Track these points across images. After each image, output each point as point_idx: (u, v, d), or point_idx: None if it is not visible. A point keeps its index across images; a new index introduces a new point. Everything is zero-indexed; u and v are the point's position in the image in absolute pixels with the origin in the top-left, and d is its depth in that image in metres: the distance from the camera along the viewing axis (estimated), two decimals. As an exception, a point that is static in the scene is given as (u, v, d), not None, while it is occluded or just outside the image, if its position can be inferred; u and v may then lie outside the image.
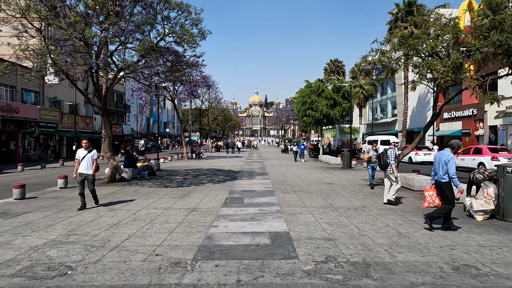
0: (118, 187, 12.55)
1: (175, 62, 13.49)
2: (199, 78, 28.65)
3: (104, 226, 6.71)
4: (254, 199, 9.76)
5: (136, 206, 8.84)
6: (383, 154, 9.20)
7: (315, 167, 21.27)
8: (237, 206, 8.65)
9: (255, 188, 11.92)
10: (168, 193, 11.02)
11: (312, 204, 8.91)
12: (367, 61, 11.54)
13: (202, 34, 12.70)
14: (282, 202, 9.25)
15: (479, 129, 32.10)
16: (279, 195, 10.38)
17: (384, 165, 9.12)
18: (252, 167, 21.05)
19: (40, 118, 30.82)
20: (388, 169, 9.10)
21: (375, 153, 12.28)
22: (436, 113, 12.06)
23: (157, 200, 9.72)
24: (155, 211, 8.16)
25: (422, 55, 11.46)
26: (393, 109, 52.09)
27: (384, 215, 7.66)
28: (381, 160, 9.19)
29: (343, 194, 10.76)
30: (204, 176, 16.18)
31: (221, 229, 6.44)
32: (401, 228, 6.55)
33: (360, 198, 9.97)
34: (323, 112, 27.03)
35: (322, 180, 14.57)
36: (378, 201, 9.55)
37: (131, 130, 53.96)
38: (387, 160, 9.08)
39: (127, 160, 15.52)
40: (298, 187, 12.23)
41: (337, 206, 8.68)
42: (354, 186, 12.60)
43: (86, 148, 8.54)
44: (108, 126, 13.29)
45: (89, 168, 8.48)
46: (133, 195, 10.70)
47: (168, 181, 14.11)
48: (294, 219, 7.19)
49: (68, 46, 10.94)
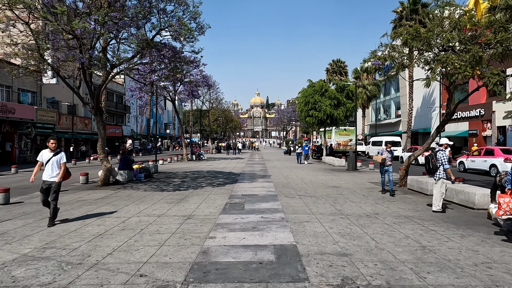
0: (112, 190, 11.81)
1: (172, 58, 12.76)
2: (200, 77, 27.96)
3: (87, 237, 5.95)
4: (256, 204, 8.99)
5: (127, 212, 8.09)
6: (432, 156, 8.30)
7: (319, 169, 20.48)
8: (237, 213, 7.89)
9: (257, 192, 11.15)
10: (163, 197, 10.27)
11: (320, 211, 8.14)
12: (377, 56, 10.76)
13: (201, 29, 11.96)
14: (286, 208, 8.48)
15: (487, 129, 31.22)
16: (283, 200, 9.61)
17: (433, 169, 8.23)
18: (254, 169, 20.28)
19: (37, 118, 30.17)
20: (437, 174, 8.19)
21: (389, 154, 11.08)
22: (450, 112, 11.28)
23: (151, 205, 8.97)
24: (147, 218, 7.40)
25: (435, 50, 10.71)
26: (396, 110, 51.24)
27: (401, 224, 6.88)
28: (430, 164, 8.28)
29: (352, 199, 9.98)
30: (203, 178, 15.42)
31: (218, 241, 5.67)
32: (423, 240, 5.77)
33: (371, 204, 9.19)
34: (326, 113, 26.25)
35: (327, 183, 13.79)
36: (391, 206, 8.77)
37: (131, 131, 53.30)
38: (436, 163, 8.18)
39: (122, 161, 14.79)
40: (303, 191, 11.45)
41: (347, 213, 7.90)
42: (363, 190, 11.81)
43: (53, 149, 6.98)
44: (102, 126, 12.56)
45: (55, 174, 6.88)
46: (125, 199, 9.95)
47: (165, 184, 13.36)
48: (301, 229, 6.41)
49: (58, 41, 10.22)
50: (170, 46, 12.48)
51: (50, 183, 6.85)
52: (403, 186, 12.66)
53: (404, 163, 12.80)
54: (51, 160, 6.87)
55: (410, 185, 11.95)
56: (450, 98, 11.49)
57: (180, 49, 12.53)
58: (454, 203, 9.25)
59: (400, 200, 9.75)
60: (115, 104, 48.58)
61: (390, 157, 11.01)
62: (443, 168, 8.16)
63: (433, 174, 8.29)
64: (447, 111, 11.44)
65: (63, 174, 6.95)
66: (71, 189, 12.29)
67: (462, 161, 20.79)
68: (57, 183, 6.84)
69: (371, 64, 11.24)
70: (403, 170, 12.67)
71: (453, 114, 11.44)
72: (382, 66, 10.99)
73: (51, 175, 6.85)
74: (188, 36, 11.41)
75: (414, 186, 11.59)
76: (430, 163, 8.29)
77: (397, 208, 8.56)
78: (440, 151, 8.29)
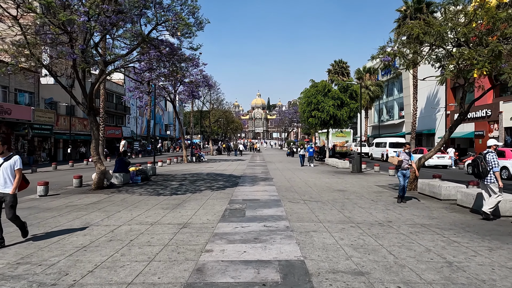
0: (105, 194, 11.18)
1: (170, 56, 12.15)
2: (200, 77, 27.37)
3: (69, 250, 5.31)
4: (257, 210, 8.34)
5: (118, 220, 7.45)
6: (480, 159, 7.59)
7: (323, 171, 19.81)
8: (238, 221, 7.23)
9: (258, 197, 10.49)
10: (159, 202, 9.63)
11: (327, 218, 7.47)
12: (386, 52, 10.11)
13: (199, 24, 11.33)
14: (291, 215, 7.82)
15: (494, 130, 30.48)
16: (286, 206, 8.96)
17: (483, 173, 7.50)
18: (255, 172, 19.63)
19: (34, 119, 29.60)
20: (488, 178, 7.46)
21: (407, 156, 9.83)
22: (464, 112, 10.62)
23: (145, 212, 8.33)
24: (139, 227, 6.75)
25: (447, 46, 10.06)
26: (399, 111, 50.55)
27: (419, 234, 6.21)
28: (479, 167, 7.51)
29: (361, 204, 9.31)
30: (203, 181, 14.78)
31: (216, 255, 5.02)
32: (447, 253, 5.11)
33: (382, 210, 8.52)
34: (329, 113, 25.60)
35: (332, 186, 13.12)
36: (404, 213, 8.10)
37: (131, 132, 52.74)
38: (487, 166, 7.44)
39: (118, 164, 14.16)
40: (308, 195, 10.79)
41: (357, 221, 7.24)
42: (370, 194, 11.15)
43: (2, 153, 5.55)
44: (95, 127, 11.94)
45: (8, 184, 5.49)
46: (118, 205, 9.31)
47: (162, 188, 12.72)
48: (309, 240, 5.75)
49: (48, 36, 9.61)
50: (167, 43, 11.88)
51: (2, 196, 5.48)
52: (413, 190, 11.99)
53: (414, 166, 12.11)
54: (1, 167, 5.48)
55: (421, 189, 11.29)
56: (464, 97, 10.83)
57: (178, 45, 11.91)
58: (472, 209, 8.57)
59: (412, 206, 9.08)
60: (115, 105, 48.02)
61: (408, 159, 9.81)
62: (493, 171, 7.43)
63: (483, 179, 7.56)
64: (460, 110, 10.78)
65: (18, 184, 5.55)
66: (62, 193, 11.67)
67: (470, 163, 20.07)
68: (11, 195, 5.46)
69: (380, 60, 10.58)
70: (413, 173, 11.97)
71: (467, 113, 10.78)
72: (391, 63, 10.34)
73: (3, 186, 5.47)
74: (186, 31, 10.79)
75: (426, 190, 10.92)
76: (479, 166, 7.52)
77: (411, 215, 7.90)
78: (489, 153, 7.56)
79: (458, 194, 9.26)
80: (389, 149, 32.99)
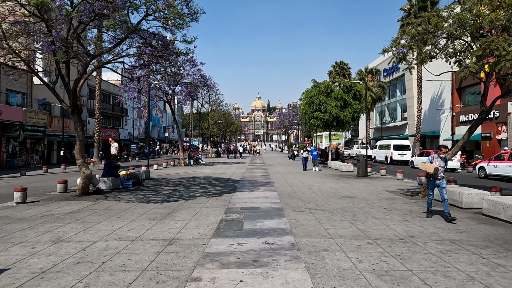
0: (89, 202, 10.12)
1: (162, 50, 11.15)
2: (198, 77, 26.36)
3: (23, 276, 4.26)
4: (257, 222, 7.28)
5: (94, 234, 6.40)
6: None
7: (326, 175, 18.75)
8: (234, 235, 6.18)
9: (258, 205, 9.44)
10: (147, 211, 8.57)
11: (339, 232, 6.42)
12: (400, 44, 9.09)
13: (194, 14, 10.32)
14: (296, 228, 6.76)
15: (502, 132, 29.48)
16: (290, 216, 7.90)
17: None
18: (255, 175, 18.57)
19: (26, 121, 28.59)
20: None
21: (442, 162, 7.80)
22: (486, 110, 9.60)
23: (128, 223, 7.27)
24: (117, 244, 5.70)
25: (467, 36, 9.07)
26: (402, 113, 49.57)
27: (451, 254, 5.16)
28: None
29: (374, 213, 8.26)
30: (198, 186, 13.72)
31: (204, 285, 3.97)
32: (496, 283, 4.06)
33: (399, 221, 7.47)
34: (332, 114, 24.55)
35: (339, 192, 12.07)
36: (425, 225, 7.05)
37: (129, 134, 51.70)
38: None
39: (107, 167, 13.12)
40: (313, 203, 9.74)
41: (374, 236, 6.19)
42: (382, 202, 10.09)
43: None
44: (79, 127, 10.91)
45: None
46: (101, 214, 8.26)
47: (154, 194, 11.67)
48: (320, 263, 4.70)
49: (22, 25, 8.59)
50: (159, 37, 10.87)
51: None
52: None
53: (428, 170, 11.06)
54: None
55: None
56: (485, 94, 9.81)
57: (170, 39, 10.90)
58: (501, 220, 7.52)
59: (433, 216, 8.02)
60: (112, 106, 47.04)
61: (443, 166, 7.81)
62: None
63: None
64: (482, 109, 9.75)
65: None
66: (43, 200, 10.61)
67: (483, 167, 19.04)
68: None
69: (392, 54, 9.55)
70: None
71: (489, 112, 9.77)
72: (406, 56, 9.31)
73: None
74: (178, 22, 9.77)
75: (444, 197, 9.83)
76: None
77: (434, 228, 6.85)
78: None
79: (484, 202, 8.21)
80: (394, 152, 31.94)
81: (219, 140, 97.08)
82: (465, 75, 8.32)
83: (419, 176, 14.72)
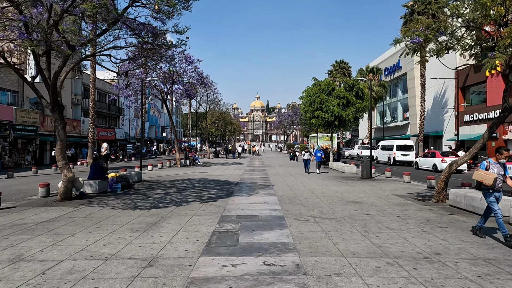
0: (70, 208, 9.15)
1: (152, 40, 10.20)
2: (194, 74, 25.42)
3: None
4: (255, 234, 6.32)
5: (63, 250, 5.43)
6: None
7: (329, 177, 17.80)
8: (227, 253, 5.22)
9: (256, 212, 8.48)
10: (131, 220, 7.61)
11: (351, 248, 5.46)
12: (416, 32, 8.13)
13: (186, 2, 9.37)
14: (300, 242, 5.80)
15: (508, 132, 28.61)
16: (293, 226, 6.94)
17: None
18: (253, 177, 17.61)
19: (16, 120, 27.60)
20: None
21: (501, 169, 6.06)
22: (510, 107, 8.67)
23: (107, 235, 6.31)
24: (86, 264, 4.74)
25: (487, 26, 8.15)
26: (404, 112, 48.66)
27: (492, 279, 4.21)
28: None
29: (387, 223, 7.31)
30: (193, 189, 12.76)
31: (184, 332, 3.01)
32: None
33: (417, 232, 6.52)
34: (334, 113, 23.61)
35: (344, 196, 11.12)
36: (449, 238, 6.09)
37: (125, 134, 50.68)
38: None
39: (93, 169, 12.15)
40: (317, 210, 8.78)
41: (393, 253, 5.23)
42: (393, 208, 9.15)
43: None
44: (61, 126, 9.95)
45: None
46: (78, 224, 7.29)
47: (143, 198, 10.70)
48: (333, 295, 3.75)
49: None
50: (149, 27, 9.91)
51: None
52: (441, 202, 10.02)
53: (443, 173, 10.15)
54: None
55: (454, 201, 9.28)
56: (507, 89, 8.87)
57: (160, 29, 9.94)
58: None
59: (454, 226, 7.08)
60: (108, 106, 46.02)
61: (502, 174, 6.05)
62: None
63: None
64: (504, 106, 8.81)
65: None
66: (20, 206, 9.64)
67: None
68: None
69: (408, 43, 8.59)
70: (442, 181, 10.01)
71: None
72: (423, 45, 8.37)
73: None
74: (168, 9, 8.82)
75: (462, 203, 8.91)
76: None
77: (461, 242, 5.89)
78: None
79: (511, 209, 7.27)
80: (397, 152, 31.01)
81: (218, 140, 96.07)
82: (491, 66, 7.37)
83: (428, 179, 13.79)
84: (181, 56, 23.86)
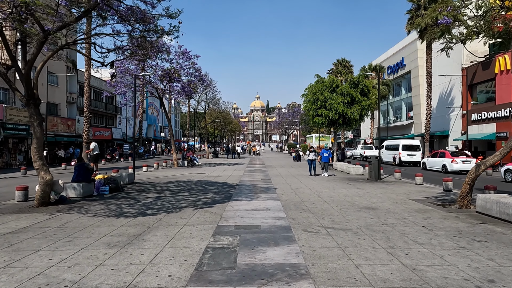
0: (46, 215, 8.02)
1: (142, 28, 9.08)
2: (192, 70, 24.30)
3: None
4: (257, 252, 5.18)
5: (15, 275, 4.30)
6: None
7: (334, 179, 16.66)
8: (222, 280, 4.08)
9: (258, 221, 7.34)
10: (112, 230, 6.47)
11: (378, 273, 4.32)
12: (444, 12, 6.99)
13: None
14: (314, 263, 4.66)
15: (522, 132, 27.43)
16: (302, 240, 5.80)
17: None
18: (254, 179, 16.47)
19: (6, 119, 26.52)
20: None
21: None
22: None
23: (76, 252, 5.17)
24: (35, 299, 3.60)
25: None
26: (408, 111, 47.54)
27: None
28: None
29: (412, 235, 6.16)
30: (187, 193, 11.63)
31: None
32: None
33: (453, 248, 5.38)
34: (338, 111, 22.46)
35: (355, 201, 9.98)
36: (494, 256, 4.96)
37: (122, 134, 49.56)
38: None
39: (77, 171, 11.00)
40: (328, 218, 7.65)
41: (435, 280, 4.09)
42: (413, 215, 8.01)
43: None
44: (37, 122, 8.83)
45: None
46: (48, 235, 6.15)
47: (130, 204, 9.56)
48: None
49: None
50: (137, 10, 8.79)
51: None
52: (465, 207, 8.90)
53: (469, 175, 9.00)
54: None
55: (483, 208, 8.14)
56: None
57: (149, 12, 8.81)
58: None
59: (494, 240, 5.94)
60: (105, 104, 44.90)
61: None
62: None
63: None
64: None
65: None
66: (-10, 212, 8.50)
67: (510, 169, 16.96)
68: None
69: (431, 29, 7.45)
70: (467, 184, 8.87)
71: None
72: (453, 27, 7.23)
73: None
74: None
75: (493, 210, 7.77)
76: None
77: (510, 261, 4.76)
78: None
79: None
80: (403, 152, 29.89)
81: (218, 141, 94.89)
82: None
83: (445, 181, 12.65)
84: (177, 51, 22.76)
